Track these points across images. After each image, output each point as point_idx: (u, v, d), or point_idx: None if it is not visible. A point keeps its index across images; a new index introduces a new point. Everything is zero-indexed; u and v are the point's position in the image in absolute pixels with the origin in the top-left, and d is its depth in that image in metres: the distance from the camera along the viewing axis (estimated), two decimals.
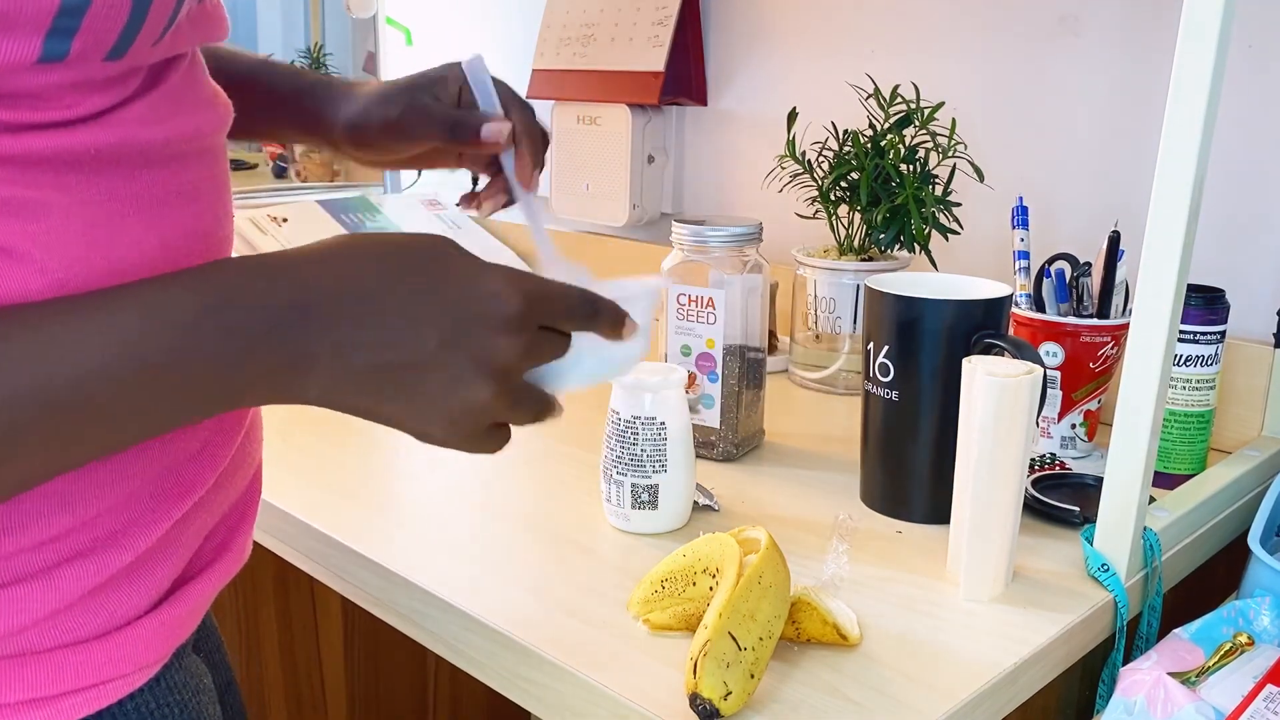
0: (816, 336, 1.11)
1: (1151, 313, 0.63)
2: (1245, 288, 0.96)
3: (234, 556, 0.52)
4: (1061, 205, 1.08)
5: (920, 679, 0.57)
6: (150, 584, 0.45)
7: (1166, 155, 0.61)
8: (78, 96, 0.39)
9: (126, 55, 0.40)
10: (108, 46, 0.38)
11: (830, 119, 1.20)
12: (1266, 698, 0.60)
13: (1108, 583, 0.67)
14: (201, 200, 0.46)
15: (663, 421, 0.74)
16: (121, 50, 0.39)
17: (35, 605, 0.41)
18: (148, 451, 0.44)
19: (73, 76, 0.38)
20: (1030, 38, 1.09)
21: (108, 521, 0.42)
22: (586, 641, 0.61)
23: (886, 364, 0.77)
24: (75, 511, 0.41)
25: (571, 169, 1.49)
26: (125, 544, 0.43)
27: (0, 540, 0.40)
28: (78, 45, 0.37)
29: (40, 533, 0.40)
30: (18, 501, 0.40)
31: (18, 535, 0.40)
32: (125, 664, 0.44)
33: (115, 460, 0.42)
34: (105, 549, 0.42)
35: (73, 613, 0.42)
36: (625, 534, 0.75)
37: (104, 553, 0.42)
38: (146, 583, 0.45)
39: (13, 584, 0.40)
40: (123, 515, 0.43)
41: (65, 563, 0.41)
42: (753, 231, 0.88)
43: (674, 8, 1.34)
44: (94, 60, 0.39)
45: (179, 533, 0.46)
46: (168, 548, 0.46)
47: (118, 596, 0.43)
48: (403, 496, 0.81)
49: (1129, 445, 0.66)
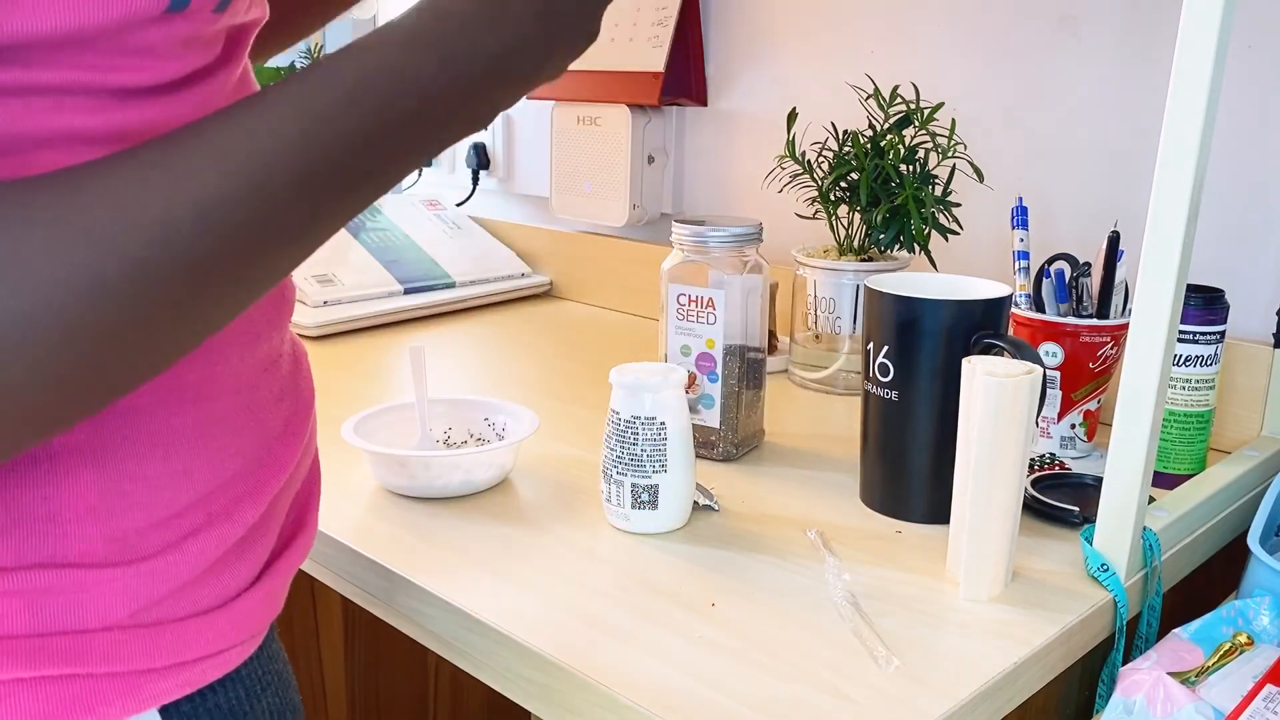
0: (816, 336, 1.11)
1: (1151, 313, 0.63)
2: (1245, 288, 0.96)
3: (309, 533, 0.54)
4: (1061, 205, 1.08)
5: (920, 679, 0.57)
6: (254, 557, 0.48)
7: (1166, 155, 0.62)
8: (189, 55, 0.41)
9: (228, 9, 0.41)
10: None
11: (830, 119, 1.20)
12: (1266, 697, 0.61)
13: (1107, 583, 0.67)
14: None
15: (663, 421, 0.74)
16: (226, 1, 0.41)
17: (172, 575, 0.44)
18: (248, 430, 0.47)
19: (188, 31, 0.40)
20: (1030, 38, 1.09)
21: (221, 498, 0.46)
22: (587, 641, 0.61)
23: (886, 364, 0.77)
24: (197, 487, 0.44)
25: (571, 169, 1.49)
26: (237, 519, 0.46)
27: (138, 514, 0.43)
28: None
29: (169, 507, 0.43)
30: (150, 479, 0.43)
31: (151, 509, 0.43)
32: (241, 632, 0.47)
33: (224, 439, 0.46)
34: (221, 523, 0.45)
35: (200, 584, 0.45)
36: (625, 534, 0.75)
37: (221, 527, 0.45)
38: (252, 556, 0.48)
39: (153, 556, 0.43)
40: (233, 491, 0.46)
41: (191, 536, 0.44)
42: (753, 232, 0.88)
43: (674, 8, 1.34)
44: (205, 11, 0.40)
45: (274, 508, 0.49)
46: (266, 522, 0.49)
47: (232, 569, 0.46)
48: (402, 496, 0.81)
49: (1129, 445, 0.66)
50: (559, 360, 1.21)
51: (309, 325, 1.28)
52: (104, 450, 0.41)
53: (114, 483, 0.42)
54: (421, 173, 1.78)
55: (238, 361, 0.47)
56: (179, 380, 0.44)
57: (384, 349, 1.25)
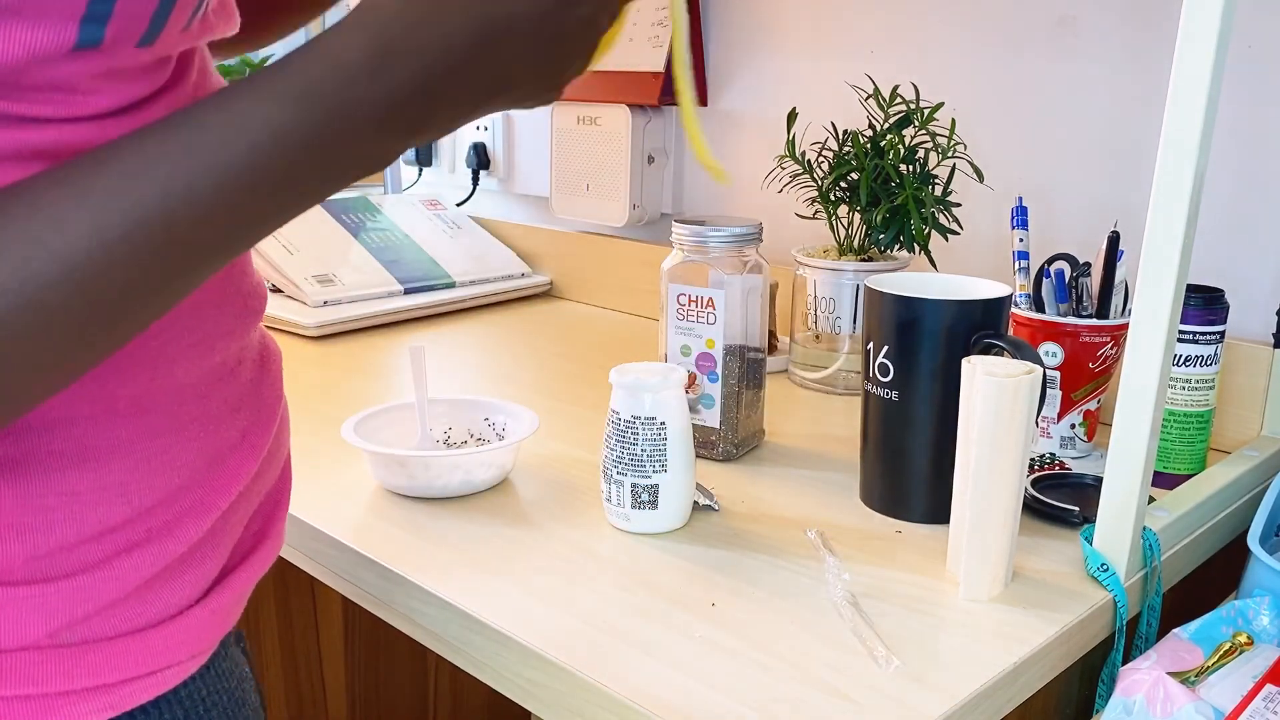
0: (816, 336, 1.11)
1: (1151, 313, 0.63)
2: (1245, 288, 0.96)
3: (271, 545, 0.53)
4: (1061, 205, 1.08)
5: (920, 679, 0.57)
6: (201, 573, 0.46)
7: (1166, 155, 0.62)
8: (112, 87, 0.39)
9: (158, 42, 0.40)
10: (140, 32, 0.39)
11: (830, 119, 1.20)
12: (1266, 697, 0.61)
13: (1107, 582, 0.67)
14: None
15: (663, 421, 0.74)
16: (153, 36, 0.39)
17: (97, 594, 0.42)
18: (195, 443, 0.46)
19: (107, 65, 0.38)
20: (1030, 38, 1.09)
21: (162, 513, 0.44)
22: (587, 641, 0.61)
23: (886, 364, 0.77)
24: (132, 503, 0.43)
25: (571, 169, 1.49)
26: (179, 534, 0.45)
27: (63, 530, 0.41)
28: (111, 31, 0.37)
29: (100, 523, 0.42)
30: (78, 494, 0.41)
31: (79, 525, 0.41)
32: (180, 651, 0.46)
33: (166, 453, 0.44)
34: (161, 539, 0.44)
35: (131, 602, 0.43)
36: (625, 534, 0.75)
37: (160, 543, 0.44)
38: (197, 572, 0.46)
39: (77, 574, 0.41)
40: (175, 507, 0.45)
41: (124, 553, 0.43)
42: (753, 232, 0.88)
43: None
44: (127, 47, 0.39)
45: (225, 522, 0.48)
46: (215, 537, 0.47)
47: (172, 586, 0.45)
48: (402, 496, 0.81)
49: (1128, 445, 0.66)
50: (559, 360, 1.21)
51: (309, 325, 1.28)
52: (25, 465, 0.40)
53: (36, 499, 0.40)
54: (421, 172, 1.78)
55: (183, 374, 0.46)
56: (112, 393, 0.43)
57: (384, 349, 1.25)
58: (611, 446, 0.75)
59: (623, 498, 0.75)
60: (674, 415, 0.74)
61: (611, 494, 0.75)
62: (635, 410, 0.74)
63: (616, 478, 0.75)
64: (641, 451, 0.74)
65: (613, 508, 0.76)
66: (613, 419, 0.75)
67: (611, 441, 0.75)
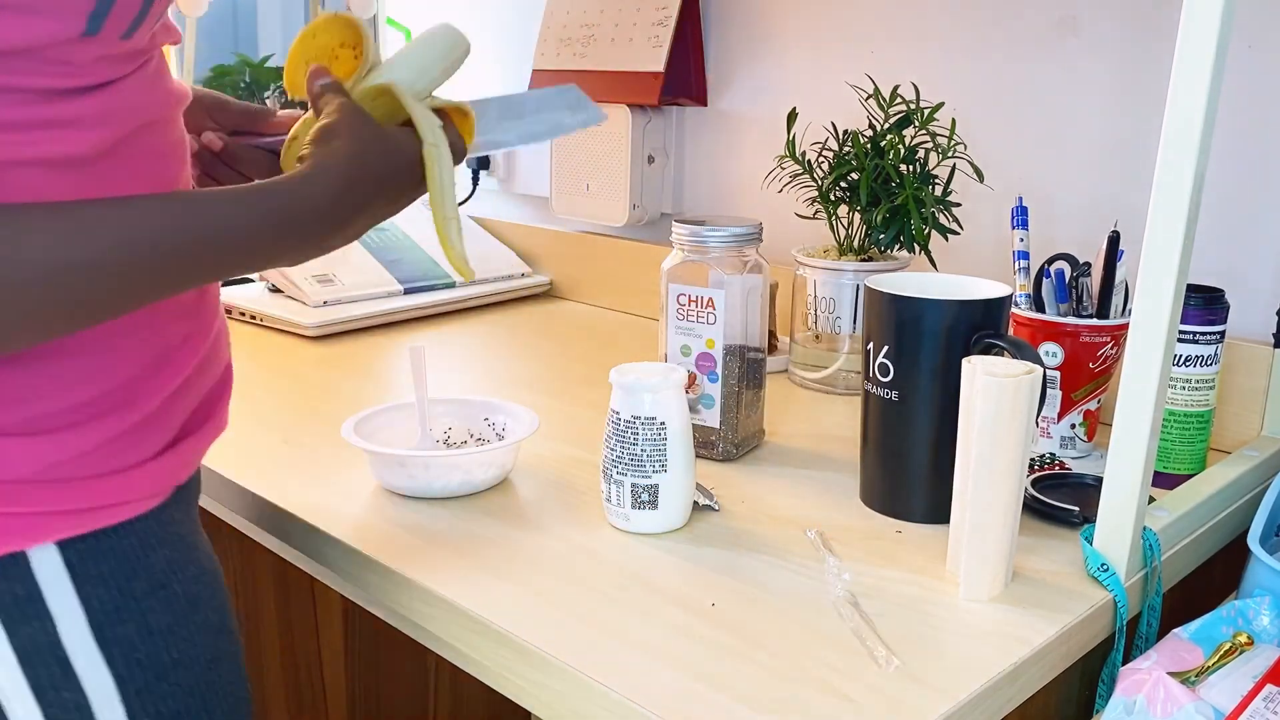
0: (816, 336, 1.11)
1: (1151, 313, 0.63)
2: (1245, 288, 0.96)
3: (214, 425, 0.67)
4: (1061, 205, 1.08)
5: (919, 679, 0.57)
6: (153, 439, 0.61)
7: (1166, 155, 0.62)
8: (102, 67, 0.55)
9: (134, 36, 0.55)
10: (124, 28, 0.54)
11: (830, 119, 1.20)
12: (1266, 697, 0.61)
13: (1107, 582, 0.67)
14: (180, 150, 0.64)
15: (663, 421, 0.74)
16: (132, 31, 0.55)
17: (73, 445, 0.57)
18: (147, 341, 0.60)
19: (100, 51, 0.54)
20: (1030, 38, 1.09)
21: (120, 394, 0.59)
22: (587, 641, 0.61)
23: (886, 364, 0.77)
24: (99, 384, 0.58)
25: (571, 169, 1.49)
26: (134, 407, 0.59)
27: (46, 402, 0.56)
28: (107, 25, 0.53)
29: (76, 398, 0.57)
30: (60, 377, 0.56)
31: (56, 400, 0.56)
32: (137, 490, 0.60)
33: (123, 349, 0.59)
34: (121, 410, 0.59)
35: (97, 454, 0.58)
36: (625, 534, 0.75)
37: (120, 413, 0.59)
38: (150, 437, 0.61)
39: (58, 430, 0.56)
40: (131, 389, 0.59)
41: (91, 420, 0.57)
42: (753, 232, 0.88)
43: (674, 8, 1.34)
44: (114, 37, 0.54)
45: (171, 404, 0.62)
46: (164, 414, 0.62)
47: (132, 444, 0.59)
48: (402, 496, 0.81)
49: (1129, 445, 0.66)
50: (559, 360, 1.21)
51: (309, 325, 1.28)
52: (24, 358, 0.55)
53: (32, 379, 0.55)
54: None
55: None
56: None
57: (384, 349, 1.25)
58: (611, 446, 0.75)
59: (623, 498, 0.75)
60: (674, 415, 0.74)
61: (611, 494, 0.75)
62: (635, 410, 0.74)
63: (616, 478, 0.75)
64: (641, 451, 0.74)
65: (613, 508, 0.76)
66: (613, 419, 0.75)
67: (611, 441, 0.75)
